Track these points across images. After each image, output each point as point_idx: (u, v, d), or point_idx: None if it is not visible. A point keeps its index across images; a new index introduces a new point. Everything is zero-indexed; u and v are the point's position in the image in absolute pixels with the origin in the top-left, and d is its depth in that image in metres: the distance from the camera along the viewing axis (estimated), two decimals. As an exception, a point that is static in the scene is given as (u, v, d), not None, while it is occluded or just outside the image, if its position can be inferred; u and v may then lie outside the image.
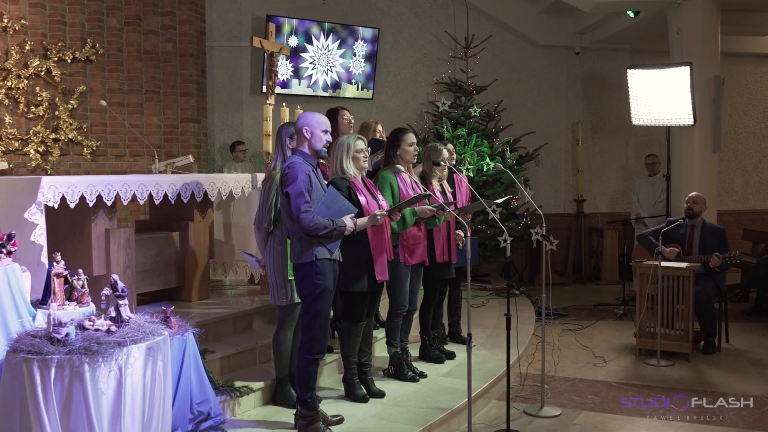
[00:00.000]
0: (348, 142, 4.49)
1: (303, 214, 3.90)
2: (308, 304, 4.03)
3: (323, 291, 4.01)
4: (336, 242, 4.10)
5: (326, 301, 4.04)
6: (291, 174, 3.96)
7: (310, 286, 4.01)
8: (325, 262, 4.03)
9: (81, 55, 7.62)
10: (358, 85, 9.93)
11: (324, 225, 3.95)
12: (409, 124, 9.82)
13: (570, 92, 10.68)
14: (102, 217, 4.95)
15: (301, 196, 3.92)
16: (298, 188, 3.92)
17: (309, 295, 4.02)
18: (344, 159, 4.47)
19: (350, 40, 9.73)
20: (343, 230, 4.06)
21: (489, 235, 8.87)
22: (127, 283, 4.91)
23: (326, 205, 4.05)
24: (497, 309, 7.81)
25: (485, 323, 7.01)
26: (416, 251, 5.01)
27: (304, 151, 4.10)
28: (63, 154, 7.62)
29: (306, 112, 4.18)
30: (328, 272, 4.04)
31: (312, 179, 4.01)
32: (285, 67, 9.38)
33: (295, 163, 4.00)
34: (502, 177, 8.95)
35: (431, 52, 10.20)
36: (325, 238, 4.02)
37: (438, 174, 5.47)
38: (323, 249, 4.03)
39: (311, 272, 3.99)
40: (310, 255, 4.00)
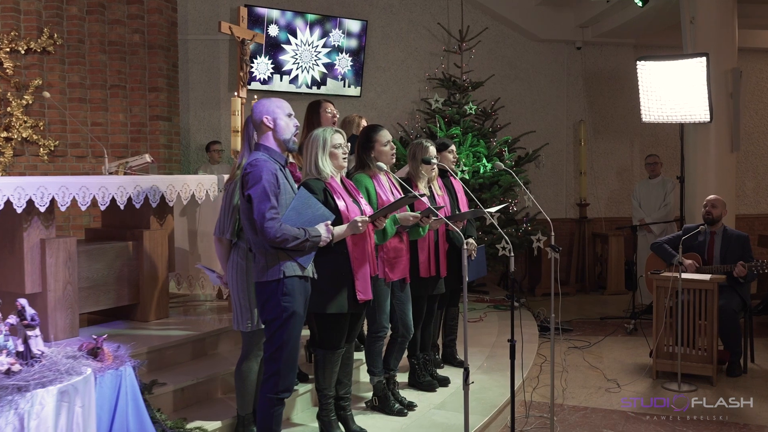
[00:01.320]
0: (324, 136, 3.80)
1: (268, 222, 3.21)
2: (273, 331, 3.33)
3: (291, 316, 3.31)
4: (309, 256, 3.41)
5: (295, 328, 3.34)
6: (253, 173, 3.26)
7: (275, 310, 3.31)
8: (295, 280, 3.34)
9: (36, 46, 6.91)
10: (345, 82, 9.23)
11: (294, 235, 3.25)
12: (400, 123, 9.17)
13: (571, 89, 10.00)
14: (37, 226, 4.24)
15: (266, 200, 3.22)
16: (261, 190, 3.23)
17: (274, 321, 3.32)
18: (320, 156, 3.78)
19: (336, 33, 9.04)
20: (318, 241, 3.37)
21: (486, 242, 8.18)
22: (68, 302, 4.23)
23: (297, 211, 3.36)
24: (496, 324, 7.12)
25: (483, 341, 6.31)
26: (397, 265, 4.30)
27: (268, 146, 3.41)
28: (17, 154, 6.91)
29: (261, 99, 3.49)
30: (298, 293, 3.34)
31: (279, 180, 3.31)
32: (265, 64, 8.69)
33: (258, 160, 3.31)
34: (500, 179, 8.26)
35: (423, 47, 9.51)
36: (296, 251, 3.33)
37: (426, 175, 4.77)
38: (293, 264, 3.33)
39: (277, 293, 3.30)
40: (277, 272, 3.30)
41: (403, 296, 4.46)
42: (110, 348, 3.45)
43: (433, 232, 4.74)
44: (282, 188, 3.33)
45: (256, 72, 8.67)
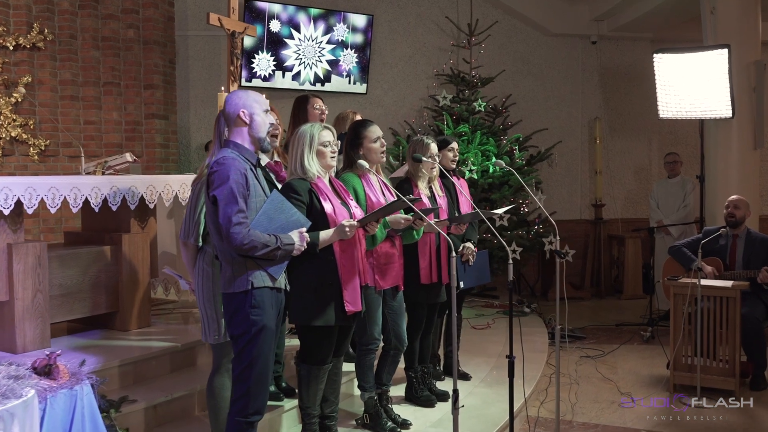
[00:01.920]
0: (311, 132, 3.48)
1: (235, 227, 2.89)
2: (241, 347, 3.02)
3: (261, 330, 2.99)
4: (280, 266, 3.09)
5: (265, 343, 3.02)
6: (220, 173, 2.95)
7: (243, 324, 2.99)
8: (265, 291, 3.02)
9: (26, 42, 6.66)
10: (350, 79, 8.91)
11: (264, 242, 2.94)
12: (407, 121, 8.83)
13: (586, 85, 9.59)
14: (2, 229, 3.96)
15: (233, 203, 2.91)
16: (228, 192, 2.92)
17: (242, 336, 3.00)
18: (306, 154, 3.46)
19: (340, 28, 8.72)
20: (290, 250, 3.05)
21: (496, 245, 7.81)
22: (37, 311, 3.95)
23: (268, 216, 3.04)
24: (504, 331, 6.74)
25: (489, 350, 5.96)
26: (389, 272, 3.96)
27: (240, 143, 3.10)
28: (6, 154, 6.66)
29: (236, 91, 3.18)
30: (268, 305, 3.02)
31: (249, 180, 3.00)
32: (266, 60, 8.39)
33: (226, 158, 2.99)
34: (510, 179, 7.90)
35: (431, 42, 9.16)
36: (266, 260, 3.01)
37: (426, 174, 4.44)
38: (262, 274, 3.02)
39: (245, 305, 2.98)
40: (244, 282, 2.99)
41: (396, 305, 4.13)
42: (68, 364, 3.16)
43: (434, 235, 4.41)
44: (252, 190, 3.02)
45: (257, 68, 8.38)
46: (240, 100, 3.10)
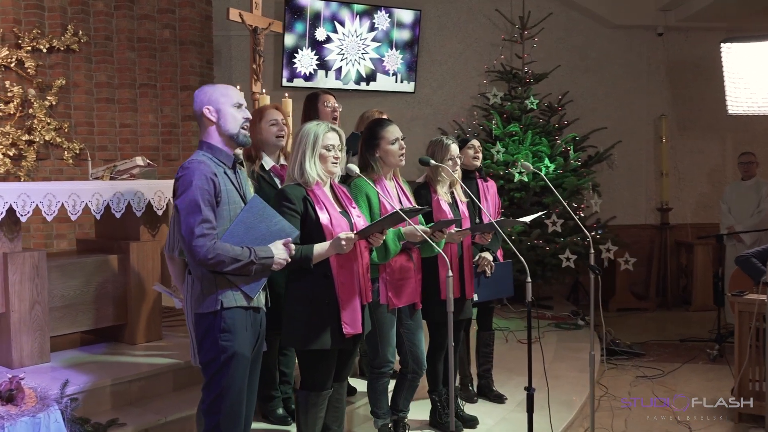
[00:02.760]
0: (315, 132, 3.13)
1: (197, 239, 2.58)
2: (210, 375, 2.70)
3: (231, 357, 2.66)
4: (257, 282, 2.75)
5: (237, 371, 2.69)
6: (183, 179, 2.64)
7: (212, 350, 2.67)
8: (238, 312, 2.69)
9: (60, 44, 6.55)
10: (397, 77, 8.54)
11: (233, 256, 2.61)
12: (456, 121, 8.40)
13: (652, 81, 8.92)
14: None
15: (196, 213, 2.59)
16: (190, 200, 2.60)
17: (211, 363, 2.69)
18: (307, 156, 3.11)
19: (386, 24, 8.35)
20: (269, 263, 2.71)
21: (548, 251, 7.31)
22: (36, 323, 3.74)
23: (245, 225, 2.71)
24: (553, 346, 6.26)
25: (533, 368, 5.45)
26: (404, 289, 3.57)
27: (212, 143, 2.78)
28: (41, 158, 6.56)
29: (203, 86, 2.86)
30: (241, 328, 2.69)
31: (219, 186, 2.67)
32: (309, 57, 8.11)
33: (192, 162, 2.68)
34: (564, 181, 7.38)
35: (483, 37, 8.69)
36: (240, 276, 2.67)
37: (446, 178, 4.03)
38: (234, 293, 2.69)
39: (214, 328, 2.66)
40: (213, 302, 2.67)
41: (413, 325, 3.73)
42: (39, 387, 2.91)
43: (456, 245, 3.99)
44: (225, 197, 2.69)
45: (299, 65, 8.10)
46: (204, 95, 2.78)
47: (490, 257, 4.31)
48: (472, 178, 4.52)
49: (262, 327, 2.85)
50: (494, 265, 4.33)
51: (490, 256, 4.32)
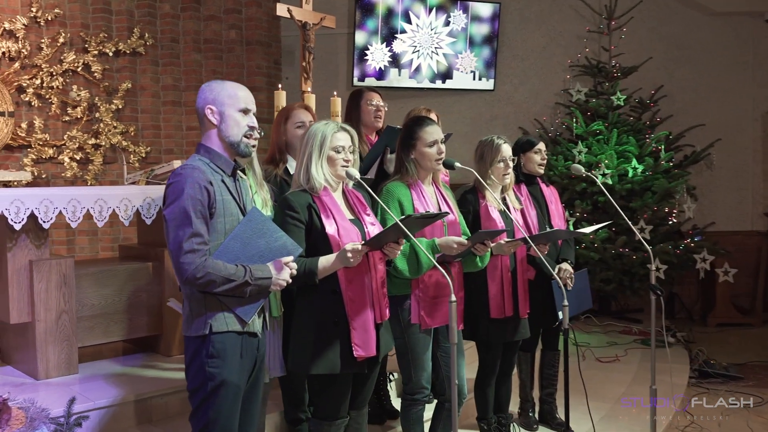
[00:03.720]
0: (323, 132, 2.81)
1: (186, 255, 2.29)
2: (197, 405, 2.42)
3: (219, 386, 2.37)
4: (253, 304, 2.44)
5: (225, 402, 2.40)
6: (173, 187, 2.36)
7: (198, 376, 2.39)
8: (230, 337, 2.40)
9: (126, 47, 6.53)
10: (475, 74, 8.10)
11: (225, 276, 2.32)
12: (538, 119, 7.88)
13: (759, 73, 8.05)
14: (24, 245, 3.65)
15: (185, 225, 2.31)
16: (179, 211, 2.32)
17: (197, 391, 2.41)
18: (314, 158, 2.80)
19: (462, 19, 7.94)
20: (266, 285, 2.41)
21: (636, 260, 6.69)
22: (62, 333, 3.60)
23: (241, 241, 2.41)
24: (635, 366, 5.67)
25: (607, 392, 4.94)
26: (439, 307, 3.17)
27: (211, 148, 2.49)
28: (108, 162, 6.57)
29: (210, 82, 2.55)
30: (232, 354, 2.40)
31: (215, 196, 2.38)
32: (381, 51, 7.79)
33: (185, 168, 2.39)
34: (653, 184, 6.73)
35: (569, 29, 8.11)
36: (233, 297, 2.38)
37: (496, 182, 3.61)
38: (226, 316, 2.40)
39: (201, 353, 2.37)
40: (201, 325, 2.38)
41: (451, 347, 3.32)
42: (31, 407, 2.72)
43: (509, 258, 3.57)
44: (220, 208, 2.40)
45: (371, 60, 7.78)
46: (210, 93, 2.48)
47: (570, 269, 3.86)
48: (535, 184, 4.06)
49: (260, 353, 2.55)
50: (574, 277, 3.87)
51: (570, 267, 3.86)
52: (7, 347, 4.01)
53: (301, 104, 3.74)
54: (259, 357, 2.53)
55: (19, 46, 6.11)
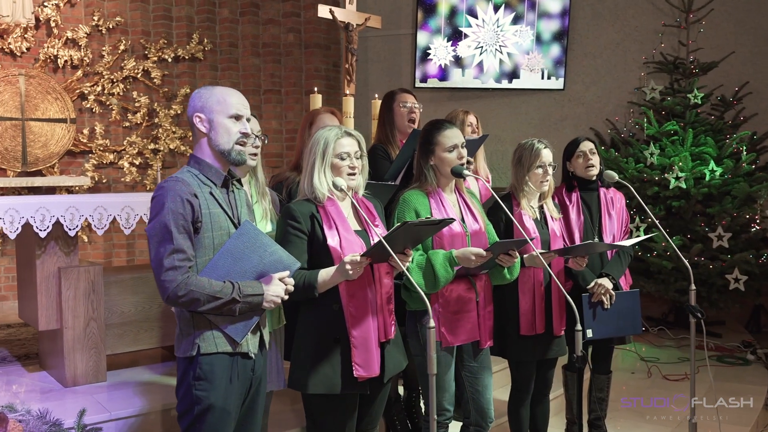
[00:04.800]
0: (326, 138, 2.67)
1: (167, 273, 2.18)
2: (185, 429, 2.30)
3: (207, 411, 2.25)
4: (244, 323, 2.31)
5: (213, 427, 2.26)
6: (156, 201, 2.25)
7: (185, 399, 2.28)
8: (220, 359, 2.28)
9: (185, 53, 6.59)
10: (543, 73, 7.76)
11: (211, 293, 2.20)
12: (610, 120, 7.47)
13: None
14: (53, 252, 3.67)
15: (166, 242, 2.20)
16: (161, 227, 2.21)
17: (185, 415, 2.29)
18: (317, 167, 2.65)
19: (530, 15, 7.62)
20: (257, 302, 2.27)
21: (713, 270, 6.21)
22: (90, 341, 3.60)
23: (232, 256, 2.28)
24: (707, 385, 5.22)
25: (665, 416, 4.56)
26: (462, 323, 2.95)
27: (200, 158, 2.36)
28: (167, 166, 6.65)
29: (200, 89, 2.43)
30: (221, 377, 2.27)
31: (200, 209, 2.25)
32: (444, 48, 7.56)
33: (168, 181, 2.28)
34: (733, 188, 6.22)
35: (644, 24, 7.65)
36: (221, 316, 2.25)
37: (533, 189, 3.35)
38: (215, 335, 2.28)
39: (188, 376, 2.26)
40: (190, 345, 2.27)
41: (477, 367, 3.10)
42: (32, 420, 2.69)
43: (542, 271, 3.31)
44: (208, 222, 2.27)
45: (434, 57, 7.56)
46: (198, 101, 2.35)
47: (609, 284, 3.51)
48: (593, 189, 3.73)
49: (256, 375, 2.40)
50: (614, 295, 3.52)
51: (609, 283, 3.52)
52: (43, 353, 4.06)
53: (327, 108, 3.61)
54: (255, 379, 2.39)
55: (82, 54, 6.25)
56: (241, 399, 2.35)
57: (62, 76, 6.27)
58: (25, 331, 4.96)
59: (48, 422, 2.94)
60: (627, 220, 3.81)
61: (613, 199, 3.75)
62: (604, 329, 3.48)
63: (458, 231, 2.95)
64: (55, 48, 6.16)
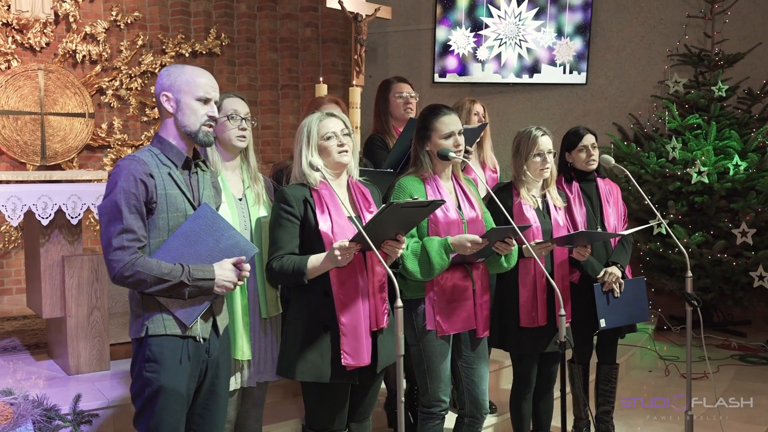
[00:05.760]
0: (308, 125, 2.67)
1: (115, 252, 2.16)
2: (138, 411, 2.30)
3: (158, 392, 2.23)
4: (194, 307, 2.27)
5: (165, 410, 2.25)
6: (109, 180, 2.23)
7: (137, 381, 2.28)
8: (167, 341, 2.24)
9: (202, 48, 6.62)
10: (565, 67, 7.64)
11: (158, 275, 2.17)
12: (633, 114, 7.32)
13: None
14: (57, 241, 3.70)
15: (116, 221, 2.17)
16: (111, 205, 2.18)
17: (137, 397, 2.29)
18: (304, 153, 2.63)
19: (552, 8, 7.50)
20: (208, 286, 2.24)
21: (737, 267, 6.04)
22: (94, 329, 3.62)
23: (187, 239, 2.25)
24: (726, 383, 5.10)
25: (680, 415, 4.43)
26: (458, 312, 2.90)
27: (164, 138, 2.33)
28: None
29: (170, 67, 2.40)
30: (172, 360, 2.24)
31: (154, 190, 2.22)
32: (465, 37, 7.46)
33: (124, 160, 2.25)
34: (757, 183, 6.05)
35: (669, 16, 7.48)
36: (169, 298, 2.23)
37: (532, 178, 3.28)
38: (164, 318, 2.26)
39: (139, 358, 2.25)
40: (140, 327, 2.26)
41: (473, 357, 3.04)
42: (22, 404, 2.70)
43: (545, 261, 3.23)
44: (162, 202, 2.24)
45: (455, 46, 7.45)
46: (167, 79, 2.32)
47: (619, 272, 3.45)
48: (590, 180, 3.67)
49: (213, 357, 2.37)
50: (623, 283, 3.46)
51: (619, 271, 3.46)
52: (50, 342, 4.10)
53: (331, 98, 3.57)
54: (211, 362, 2.36)
55: (100, 49, 6.31)
56: (195, 381, 2.33)
57: (81, 71, 6.35)
58: (39, 322, 5.02)
59: (44, 407, 2.95)
60: (625, 210, 3.76)
61: (610, 190, 3.68)
62: (616, 318, 3.43)
63: (454, 218, 2.89)
64: (74, 43, 6.24)
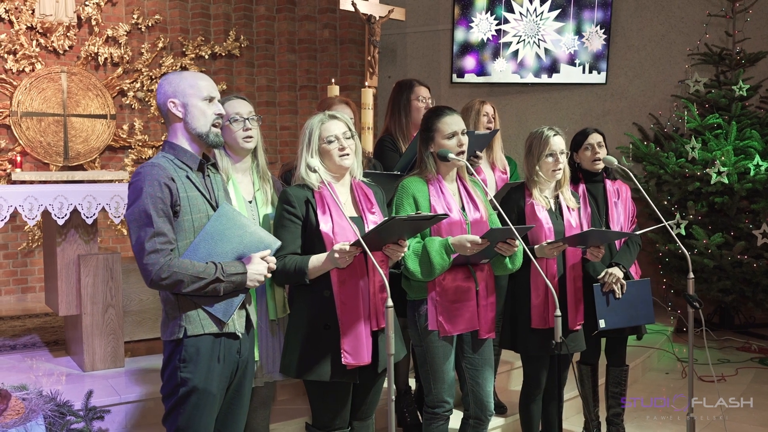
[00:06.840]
0: (310, 127, 2.69)
1: (149, 256, 2.20)
2: (168, 411, 2.34)
3: (190, 393, 2.28)
4: (229, 301, 2.32)
5: (197, 410, 2.29)
6: (133, 188, 2.27)
7: (170, 382, 2.31)
8: (205, 340, 2.29)
9: (222, 50, 6.70)
10: (585, 67, 7.59)
11: (194, 273, 2.22)
12: (653, 114, 7.26)
13: None
14: (73, 240, 3.78)
15: (147, 225, 2.21)
16: (140, 211, 2.22)
17: (169, 397, 2.32)
18: (304, 155, 2.66)
19: (572, 8, 7.46)
20: (241, 281, 2.29)
21: (759, 269, 5.97)
22: (109, 327, 3.69)
23: (211, 238, 2.30)
24: (744, 386, 5.04)
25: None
26: (461, 313, 2.91)
27: (175, 143, 2.38)
28: (203, 162, 6.76)
29: (167, 75, 2.45)
30: (207, 359, 2.29)
31: (177, 193, 2.27)
32: (487, 22, 7.42)
33: (144, 166, 2.29)
34: (778, 183, 5.97)
35: (691, 15, 7.40)
36: (204, 296, 2.27)
37: (545, 179, 3.28)
38: (201, 316, 2.30)
39: (173, 358, 2.29)
40: (175, 328, 2.29)
41: (478, 359, 3.04)
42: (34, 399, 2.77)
43: (555, 262, 3.23)
44: (186, 205, 2.28)
45: (476, 31, 7.41)
46: (169, 86, 2.36)
47: (620, 273, 3.43)
48: (598, 181, 3.65)
49: (243, 357, 2.42)
50: (626, 284, 3.45)
51: (620, 272, 3.44)
52: (67, 339, 4.18)
53: (342, 98, 3.60)
54: (241, 362, 2.41)
55: (121, 51, 6.42)
56: (226, 381, 2.37)
57: (103, 73, 6.46)
58: (58, 320, 5.11)
59: (57, 402, 3.02)
60: (633, 210, 3.73)
61: (618, 190, 3.66)
62: (617, 319, 3.41)
63: (457, 219, 2.90)
64: (96, 46, 6.35)
